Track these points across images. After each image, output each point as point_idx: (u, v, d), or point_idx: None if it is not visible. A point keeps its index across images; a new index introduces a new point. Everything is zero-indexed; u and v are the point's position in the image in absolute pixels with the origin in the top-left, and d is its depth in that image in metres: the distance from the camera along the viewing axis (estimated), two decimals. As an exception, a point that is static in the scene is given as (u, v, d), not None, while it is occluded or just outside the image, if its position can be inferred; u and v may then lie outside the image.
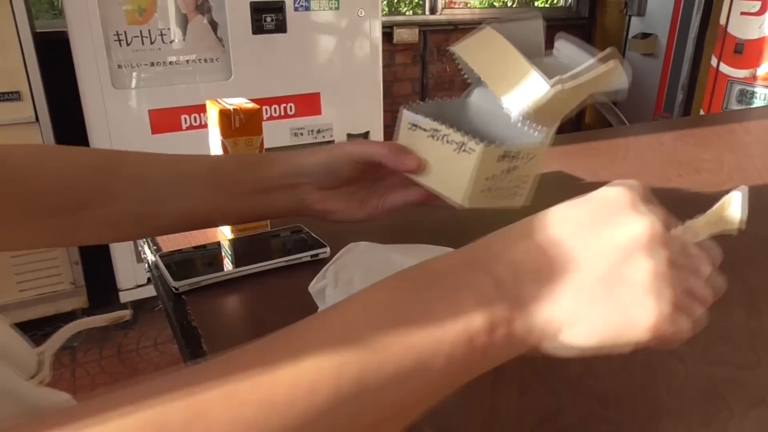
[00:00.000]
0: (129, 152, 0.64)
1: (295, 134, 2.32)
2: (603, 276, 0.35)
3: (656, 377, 0.53)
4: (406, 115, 0.62)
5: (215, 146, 0.78)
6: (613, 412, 0.48)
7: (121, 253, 2.23)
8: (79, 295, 2.30)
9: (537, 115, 0.56)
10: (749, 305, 0.64)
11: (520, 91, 0.56)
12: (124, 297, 2.33)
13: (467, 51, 0.61)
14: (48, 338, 0.60)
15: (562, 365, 0.54)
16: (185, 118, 2.15)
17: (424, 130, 0.60)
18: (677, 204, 0.56)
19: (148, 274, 0.78)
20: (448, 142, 0.58)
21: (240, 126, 0.76)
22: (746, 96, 2.91)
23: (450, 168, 0.59)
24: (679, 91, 3.56)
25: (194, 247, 0.76)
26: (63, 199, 0.58)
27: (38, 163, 0.58)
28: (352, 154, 0.62)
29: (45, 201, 0.58)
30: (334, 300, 0.55)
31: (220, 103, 0.77)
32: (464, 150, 0.57)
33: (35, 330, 2.28)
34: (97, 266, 2.35)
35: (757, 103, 2.85)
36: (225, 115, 0.75)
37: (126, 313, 0.72)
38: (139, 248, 0.82)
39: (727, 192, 0.41)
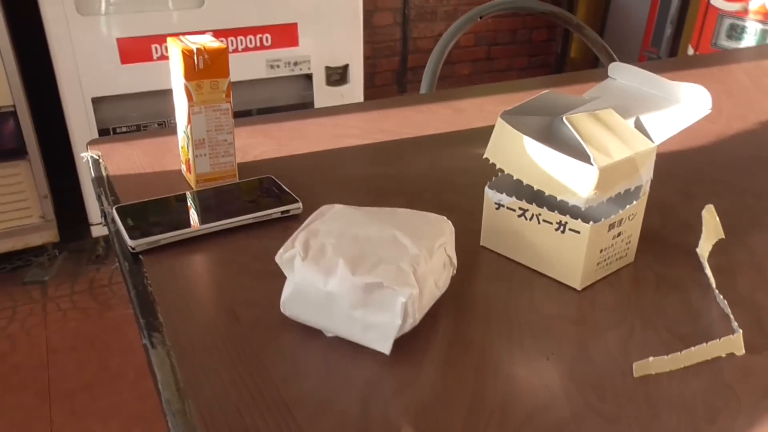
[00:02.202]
0: None
1: (272, 66, 2.21)
2: None
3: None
4: (489, 194, 0.59)
5: (178, 89, 0.71)
6: (610, 405, 0.44)
7: (90, 187, 2.14)
8: (49, 229, 2.22)
9: (605, 185, 0.53)
10: (755, 274, 0.59)
11: (574, 185, 0.53)
12: (96, 231, 2.26)
13: (495, 154, 0.58)
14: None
15: (553, 346, 0.49)
16: (156, 48, 2.03)
17: (512, 209, 0.58)
18: (671, 157, 0.50)
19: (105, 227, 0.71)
20: (544, 221, 0.56)
21: (204, 67, 0.69)
22: (736, 30, 2.82)
23: (553, 249, 0.56)
24: (668, 25, 3.46)
25: (155, 200, 0.69)
26: None
27: None
28: None
29: None
30: (304, 272, 0.49)
31: (182, 42, 0.69)
32: (568, 230, 0.54)
33: (5, 264, 2.23)
34: (67, 200, 2.28)
35: (748, 38, 2.76)
36: (187, 56, 0.67)
37: None
38: (99, 198, 0.76)
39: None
